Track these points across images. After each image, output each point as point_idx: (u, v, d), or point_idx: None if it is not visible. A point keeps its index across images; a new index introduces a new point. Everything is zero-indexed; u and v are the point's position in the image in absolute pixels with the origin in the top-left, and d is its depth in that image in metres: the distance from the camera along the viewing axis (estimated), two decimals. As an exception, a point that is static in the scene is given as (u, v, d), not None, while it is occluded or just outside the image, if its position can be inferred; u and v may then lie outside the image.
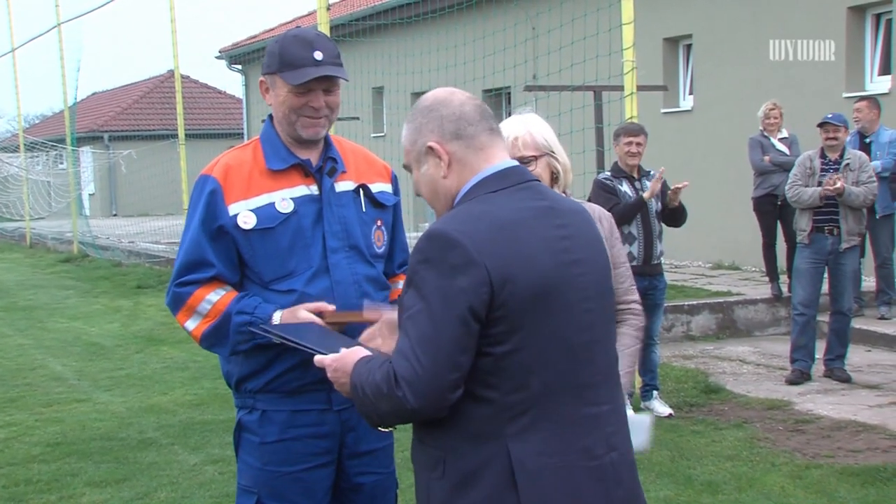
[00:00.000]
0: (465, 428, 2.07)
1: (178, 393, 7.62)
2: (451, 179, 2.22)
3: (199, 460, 5.84)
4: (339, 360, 2.23)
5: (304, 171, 2.85)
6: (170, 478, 5.55)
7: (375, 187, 2.96)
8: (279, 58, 2.78)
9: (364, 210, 2.91)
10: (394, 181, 3.06)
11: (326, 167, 2.87)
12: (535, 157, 2.96)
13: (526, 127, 3.00)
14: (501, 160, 2.23)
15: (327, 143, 2.92)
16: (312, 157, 2.87)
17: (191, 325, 2.80)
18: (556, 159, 3.01)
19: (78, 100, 23.30)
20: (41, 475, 5.66)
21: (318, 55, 2.75)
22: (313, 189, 2.84)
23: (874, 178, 7.35)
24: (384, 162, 3.09)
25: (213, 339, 2.79)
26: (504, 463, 2.04)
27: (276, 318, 2.72)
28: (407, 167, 2.32)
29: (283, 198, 2.79)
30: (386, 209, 2.98)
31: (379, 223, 2.95)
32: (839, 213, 7.21)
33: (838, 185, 7.05)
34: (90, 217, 22.78)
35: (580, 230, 2.22)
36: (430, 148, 2.22)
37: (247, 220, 2.76)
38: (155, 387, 7.90)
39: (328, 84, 2.80)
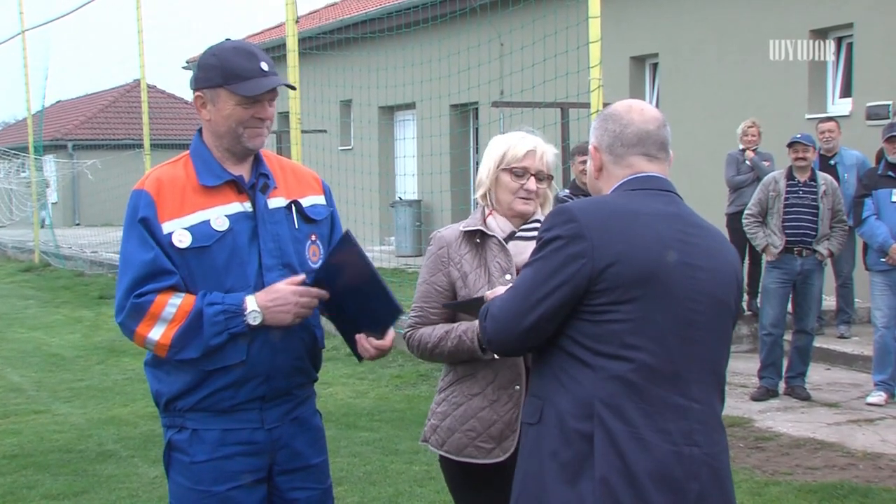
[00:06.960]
0: (566, 383, 2.32)
1: (138, 405, 7.54)
2: (601, 181, 2.51)
3: (158, 473, 5.77)
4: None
5: (238, 187, 2.80)
6: (129, 491, 5.50)
7: (307, 201, 2.92)
8: (222, 71, 2.73)
9: (297, 227, 2.87)
10: (326, 191, 3.02)
11: (259, 183, 2.83)
12: (549, 177, 3.06)
13: (551, 148, 3.10)
14: (647, 171, 2.46)
15: (257, 158, 2.87)
16: (244, 172, 2.83)
17: (156, 333, 2.69)
18: (552, 185, 3.12)
19: (44, 107, 23.07)
20: (-3, 487, 5.59)
21: (265, 66, 2.75)
22: (247, 206, 2.79)
23: (842, 206, 7.49)
24: (313, 173, 3.05)
25: (185, 340, 2.69)
26: (588, 421, 2.26)
27: (249, 303, 2.69)
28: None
29: (218, 215, 2.75)
30: (319, 223, 2.94)
31: (313, 238, 2.91)
32: (811, 235, 7.33)
33: (824, 252, 7.41)
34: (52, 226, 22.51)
35: (707, 243, 2.41)
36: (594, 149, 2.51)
37: (182, 239, 2.71)
38: (115, 398, 7.82)
39: (273, 95, 2.79)
